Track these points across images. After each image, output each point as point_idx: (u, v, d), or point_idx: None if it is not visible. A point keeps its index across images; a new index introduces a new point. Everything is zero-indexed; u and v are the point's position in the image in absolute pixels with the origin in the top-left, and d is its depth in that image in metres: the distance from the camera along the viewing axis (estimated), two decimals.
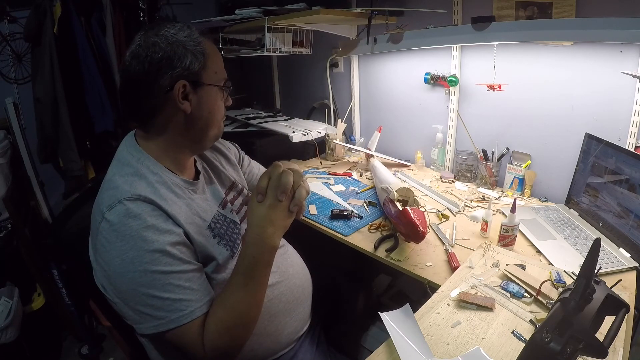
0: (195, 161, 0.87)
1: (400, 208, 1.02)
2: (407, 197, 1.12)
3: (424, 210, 1.11)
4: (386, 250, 1.04)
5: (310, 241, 1.13)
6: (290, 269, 0.92)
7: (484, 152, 1.44)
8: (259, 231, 0.70)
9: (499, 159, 1.42)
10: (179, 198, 0.74)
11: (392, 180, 1.28)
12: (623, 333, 0.67)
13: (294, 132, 1.66)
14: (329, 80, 1.93)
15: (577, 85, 1.23)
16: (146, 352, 0.79)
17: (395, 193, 1.11)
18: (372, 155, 1.69)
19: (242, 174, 1.04)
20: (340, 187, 1.49)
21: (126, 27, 1.81)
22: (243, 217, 0.90)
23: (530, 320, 0.72)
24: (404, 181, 1.50)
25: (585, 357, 0.55)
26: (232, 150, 1.05)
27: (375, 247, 1.07)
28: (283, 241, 1.02)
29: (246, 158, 1.11)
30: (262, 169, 1.15)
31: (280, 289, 0.88)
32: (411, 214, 0.96)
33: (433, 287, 0.88)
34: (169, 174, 0.75)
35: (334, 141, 1.81)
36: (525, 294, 0.79)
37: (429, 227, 1.12)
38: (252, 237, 0.71)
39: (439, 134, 1.59)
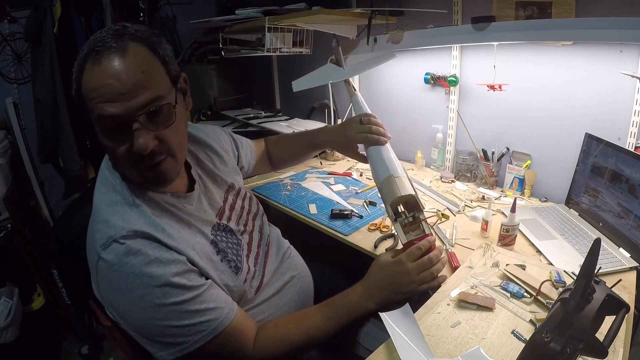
0: (190, 167, 0.80)
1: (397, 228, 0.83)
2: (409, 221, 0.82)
3: (432, 227, 1.01)
4: (386, 250, 1.04)
5: (310, 241, 1.13)
6: (296, 273, 0.91)
7: (484, 152, 1.44)
8: (373, 289, 0.76)
9: (499, 159, 1.42)
10: (175, 217, 0.69)
11: (391, 164, 0.92)
12: (623, 333, 0.67)
13: (294, 132, 1.66)
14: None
15: (577, 85, 1.23)
16: (150, 354, 0.79)
17: (389, 208, 0.84)
18: (349, 82, 1.16)
19: (238, 170, 0.98)
20: (340, 187, 1.49)
21: None
22: (245, 224, 0.87)
23: (530, 320, 0.72)
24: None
25: (585, 357, 0.55)
26: (224, 144, 0.96)
27: (375, 246, 1.07)
28: (286, 243, 1.01)
29: (239, 143, 1.03)
30: (250, 142, 1.10)
31: (289, 295, 0.88)
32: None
33: (433, 287, 0.88)
34: (157, 192, 0.69)
35: None
36: (525, 294, 0.79)
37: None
38: (366, 287, 0.76)
39: (439, 134, 1.59)
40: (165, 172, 0.65)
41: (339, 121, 1.86)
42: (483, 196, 1.38)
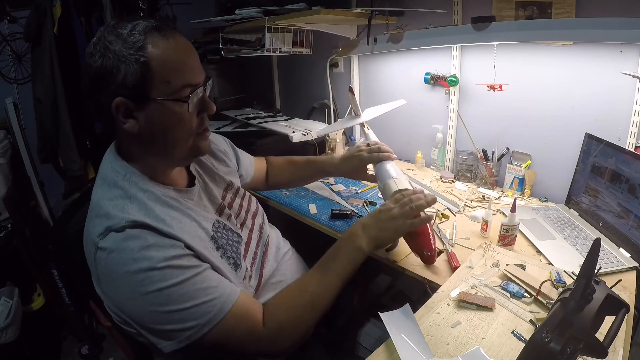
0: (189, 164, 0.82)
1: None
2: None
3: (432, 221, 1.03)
4: (386, 250, 1.04)
5: (311, 241, 1.13)
6: (295, 275, 0.91)
7: (484, 152, 1.44)
8: (357, 227, 0.81)
9: (499, 159, 1.42)
10: (176, 211, 0.69)
11: (394, 173, 1.06)
12: (623, 333, 0.67)
13: (294, 132, 1.66)
14: (329, 80, 1.93)
15: (577, 85, 1.23)
16: (149, 353, 0.79)
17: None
18: (363, 125, 1.41)
19: (237, 173, 0.99)
20: (340, 187, 1.49)
21: None
22: (243, 222, 0.87)
23: (530, 320, 0.72)
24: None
25: (585, 357, 0.55)
26: (222, 147, 0.97)
27: None
28: (287, 244, 1.01)
29: (239, 152, 1.06)
30: (250, 156, 1.12)
31: None
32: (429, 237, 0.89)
33: (433, 287, 0.88)
34: (160, 186, 0.69)
35: (334, 141, 1.81)
36: (525, 294, 0.79)
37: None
38: (350, 229, 0.82)
39: (439, 134, 1.59)
40: (208, 138, 0.74)
41: (339, 120, 1.86)
42: (483, 196, 1.38)
